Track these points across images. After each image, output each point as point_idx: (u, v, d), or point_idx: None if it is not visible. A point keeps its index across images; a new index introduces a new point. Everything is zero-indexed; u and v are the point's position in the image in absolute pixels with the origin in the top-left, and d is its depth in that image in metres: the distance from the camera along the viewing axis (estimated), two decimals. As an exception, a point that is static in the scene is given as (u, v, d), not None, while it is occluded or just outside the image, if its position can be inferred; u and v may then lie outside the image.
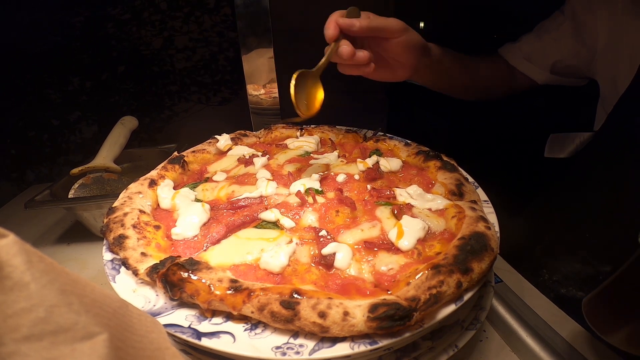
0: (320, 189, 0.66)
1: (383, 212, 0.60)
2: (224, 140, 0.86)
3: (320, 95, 0.67)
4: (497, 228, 0.56)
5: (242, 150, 0.84)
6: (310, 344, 0.41)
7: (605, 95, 0.87)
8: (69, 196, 0.96)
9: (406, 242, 0.53)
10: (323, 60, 0.66)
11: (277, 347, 0.40)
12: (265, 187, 0.67)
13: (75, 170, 1.00)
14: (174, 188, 0.70)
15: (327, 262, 0.50)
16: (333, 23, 0.66)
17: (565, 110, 1.13)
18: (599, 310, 0.50)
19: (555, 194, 0.93)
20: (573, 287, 0.79)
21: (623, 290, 0.48)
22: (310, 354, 0.40)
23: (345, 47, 0.65)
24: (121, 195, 0.64)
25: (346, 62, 0.67)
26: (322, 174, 0.72)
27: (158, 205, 0.66)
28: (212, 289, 0.44)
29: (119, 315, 0.22)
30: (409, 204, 0.62)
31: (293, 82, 0.62)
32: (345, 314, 0.40)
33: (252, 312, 0.42)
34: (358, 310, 0.41)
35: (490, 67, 1.02)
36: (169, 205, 0.64)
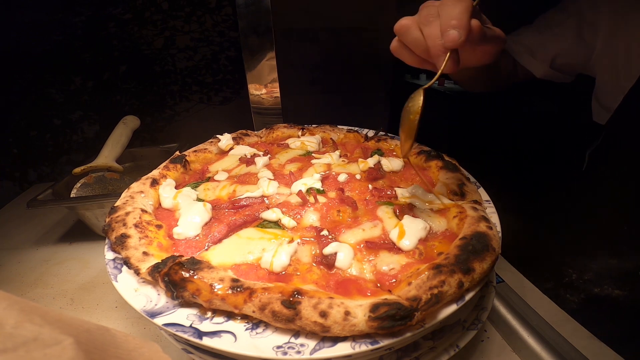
0: (321, 189, 0.66)
1: (384, 212, 0.60)
2: (225, 139, 0.86)
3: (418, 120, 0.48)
4: (498, 228, 0.56)
5: (243, 149, 0.84)
6: (311, 343, 0.41)
7: (601, 89, 0.89)
8: (71, 195, 0.96)
9: (407, 242, 0.52)
10: (438, 74, 0.49)
11: (278, 347, 0.40)
12: (267, 186, 0.67)
13: (77, 170, 1.01)
14: (176, 187, 0.70)
15: (328, 262, 0.50)
16: (466, 22, 0.45)
17: (561, 107, 1.14)
18: None
19: (557, 194, 0.93)
20: (574, 287, 0.78)
21: None
22: (311, 353, 0.40)
23: (456, 56, 0.47)
24: (123, 195, 0.64)
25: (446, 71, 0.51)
26: (323, 173, 0.72)
27: (160, 204, 0.66)
28: (214, 288, 0.44)
29: (96, 334, 0.24)
30: (410, 203, 0.62)
31: (418, 110, 0.43)
32: (347, 313, 0.40)
33: (254, 312, 0.42)
34: (359, 310, 0.41)
35: (503, 57, 1.01)
36: (171, 204, 0.65)
